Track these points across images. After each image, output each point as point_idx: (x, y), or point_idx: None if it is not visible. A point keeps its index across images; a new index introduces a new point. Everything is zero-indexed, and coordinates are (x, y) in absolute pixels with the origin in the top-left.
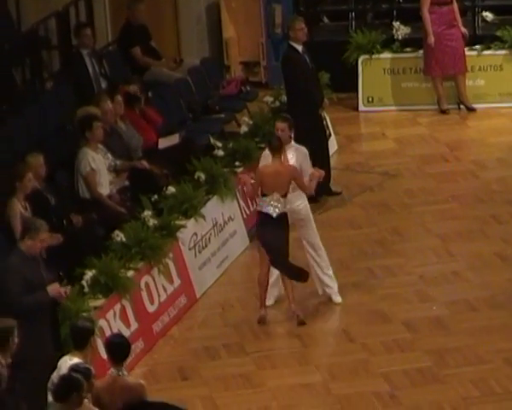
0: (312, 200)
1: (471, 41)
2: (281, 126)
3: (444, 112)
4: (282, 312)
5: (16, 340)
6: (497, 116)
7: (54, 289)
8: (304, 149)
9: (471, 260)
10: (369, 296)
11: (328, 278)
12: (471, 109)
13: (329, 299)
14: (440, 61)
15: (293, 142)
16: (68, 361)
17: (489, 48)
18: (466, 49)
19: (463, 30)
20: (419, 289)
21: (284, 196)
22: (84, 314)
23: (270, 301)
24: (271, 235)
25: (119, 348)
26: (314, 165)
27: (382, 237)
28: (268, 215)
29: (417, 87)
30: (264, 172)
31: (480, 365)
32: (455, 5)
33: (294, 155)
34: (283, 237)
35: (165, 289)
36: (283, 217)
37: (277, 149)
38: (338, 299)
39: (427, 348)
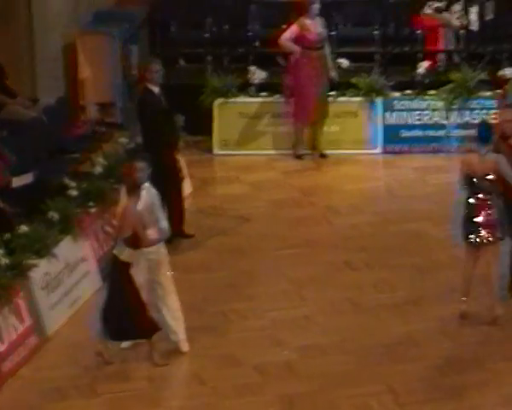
0: (165, 241)
1: None
2: (140, 166)
3: (299, 157)
4: (137, 353)
5: None
6: (351, 163)
7: None
8: (153, 190)
9: (323, 305)
10: (221, 340)
11: (175, 324)
12: (323, 156)
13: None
14: (305, 109)
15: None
16: None
17: (344, 94)
18: None
19: (333, 74)
20: (270, 334)
21: (125, 240)
22: None
23: (125, 344)
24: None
25: None
26: (168, 206)
27: (235, 280)
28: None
29: (273, 132)
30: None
31: None
32: (326, 49)
33: (145, 195)
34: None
35: (15, 329)
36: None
37: (131, 191)
38: (185, 347)
39: (278, 392)
